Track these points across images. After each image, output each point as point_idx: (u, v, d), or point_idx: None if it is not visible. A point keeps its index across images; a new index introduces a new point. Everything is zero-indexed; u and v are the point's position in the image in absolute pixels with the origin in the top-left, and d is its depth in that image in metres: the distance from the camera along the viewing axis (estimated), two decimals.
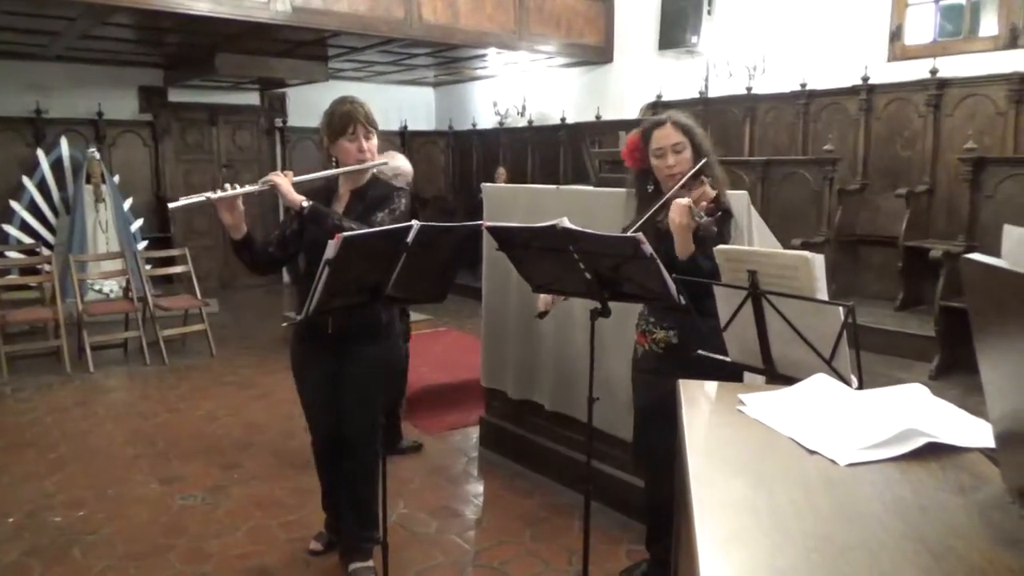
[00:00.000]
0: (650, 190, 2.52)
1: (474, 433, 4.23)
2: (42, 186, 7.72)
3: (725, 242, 2.34)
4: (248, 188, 2.44)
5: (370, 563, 2.78)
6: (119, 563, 2.93)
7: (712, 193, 2.33)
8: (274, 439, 4.28)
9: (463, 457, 4.04)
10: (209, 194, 2.39)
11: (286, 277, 9.06)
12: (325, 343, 2.60)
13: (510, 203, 3.74)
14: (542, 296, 2.63)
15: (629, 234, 2.10)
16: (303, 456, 3.94)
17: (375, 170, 2.65)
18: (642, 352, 2.59)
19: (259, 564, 2.94)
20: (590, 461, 2.51)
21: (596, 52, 8.11)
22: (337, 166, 2.59)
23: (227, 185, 2.43)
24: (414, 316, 7.03)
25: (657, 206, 2.37)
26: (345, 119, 2.51)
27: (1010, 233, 1.02)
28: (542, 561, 2.95)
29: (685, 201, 2.21)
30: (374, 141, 2.57)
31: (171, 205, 2.44)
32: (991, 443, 1.20)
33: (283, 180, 2.44)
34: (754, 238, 2.76)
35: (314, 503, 3.35)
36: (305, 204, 2.41)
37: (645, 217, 2.39)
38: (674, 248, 2.27)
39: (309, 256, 2.57)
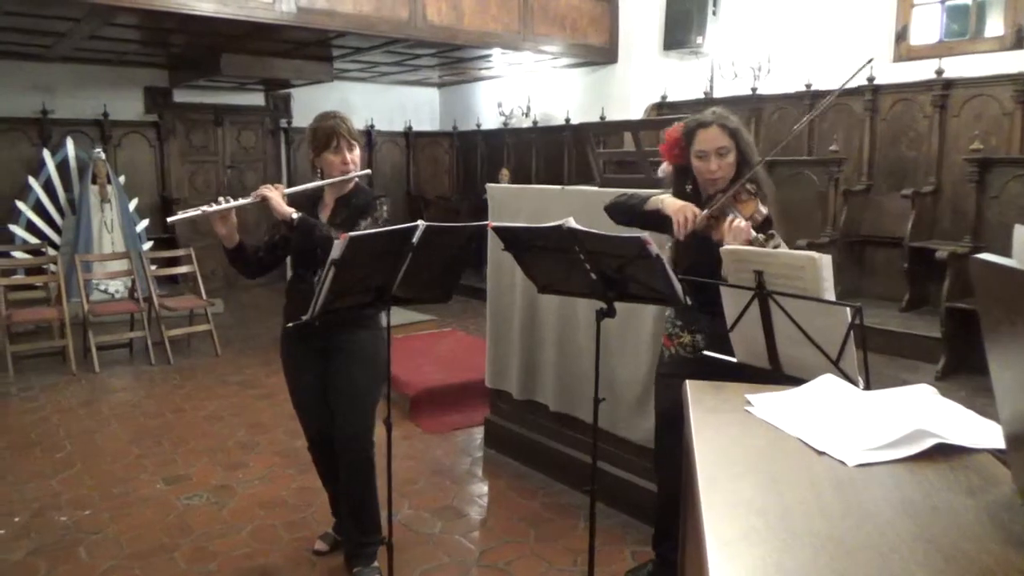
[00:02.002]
0: (688, 189, 2.41)
1: (479, 433, 4.23)
2: (48, 186, 7.74)
3: None
4: (241, 201, 2.54)
5: (375, 564, 2.78)
6: (124, 562, 2.94)
7: (764, 212, 2.22)
8: (279, 439, 4.28)
9: (467, 457, 4.04)
10: (204, 208, 2.50)
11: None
12: (313, 341, 2.65)
13: (515, 203, 3.74)
14: None
15: (634, 235, 2.09)
16: (307, 456, 3.92)
17: (358, 178, 2.75)
18: (668, 355, 2.56)
19: (263, 564, 2.94)
20: (595, 462, 2.51)
21: (601, 52, 8.10)
22: (323, 177, 2.69)
23: (221, 199, 2.53)
24: (419, 317, 7.05)
25: (705, 213, 2.26)
26: (329, 134, 2.62)
27: (1020, 232, 1.01)
28: (546, 562, 2.95)
29: (745, 225, 2.09)
30: (357, 153, 2.67)
31: (170, 219, 2.58)
32: (1001, 444, 1.19)
33: (274, 193, 2.53)
34: None
35: (318, 503, 3.36)
36: (294, 216, 2.50)
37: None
38: (708, 253, 2.20)
39: (296, 262, 2.68)
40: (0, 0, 5.22)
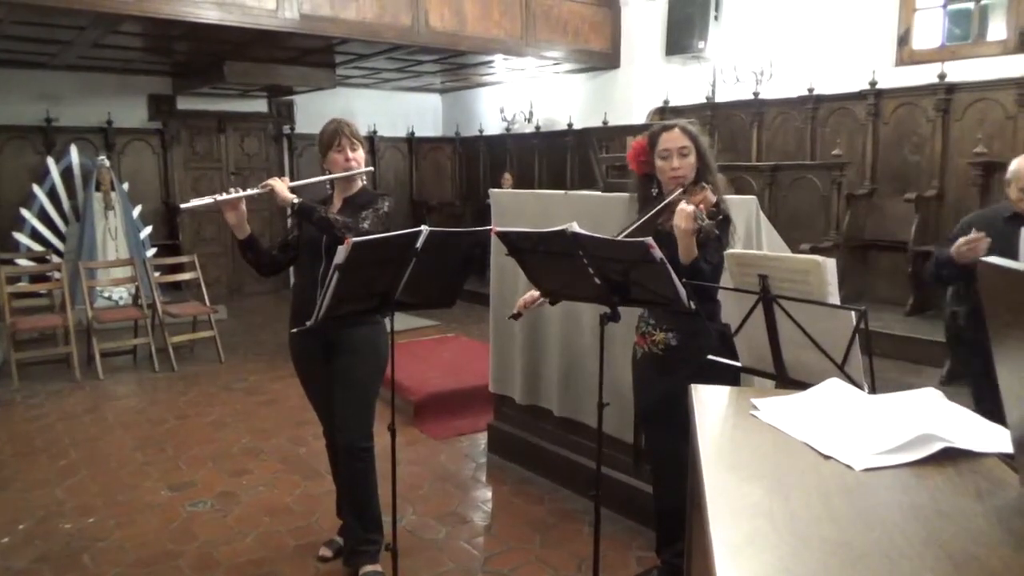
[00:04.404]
0: (654, 194, 2.54)
1: (482, 439, 4.22)
2: (52, 194, 7.76)
3: (726, 247, 2.35)
4: (250, 191, 2.69)
5: (378, 567, 2.77)
6: (129, 570, 2.94)
7: (713, 198, 2.35)
8: (282, 445, 4.28)
9: (471, 463, 4.04)
10: (216, 196, 2.63)
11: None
12: (316, 340, 2.68)
13: (518, 208, 3.74)
14: (522, 298, 2.66)
15: (639, 239, 2.09)
16: (312, 463, 3.96)
17: (363, 181, 2.84)
18: (642, 354, 2.60)
19: (268, 570, 2.94)
20: (599, 467, 2.50)
21: (603, 58, 8.12)
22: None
23: (232, 189, 2.67)
24: (422, 322, 7.05)
25: (658, 208, 2.40)
26: (332, 135, 2.76)
27: None
28: (551, 568, 2.94)
29: (690, 208, 2.23)
30: (360, 153, 2.78)
31: (182, 206, 2.72)
32: (1008, 448, 1.18)
33: (279, 183, 2.67)
34: (763, 243, 2.76)
35: (322, 510, 3.36)
36: (295, 201, 2.62)
37: (644, 219, 2.41)
38: (674, 250, 2.28)
39: (304, 255, 2.77)
40: (7, 10, 5.25)
